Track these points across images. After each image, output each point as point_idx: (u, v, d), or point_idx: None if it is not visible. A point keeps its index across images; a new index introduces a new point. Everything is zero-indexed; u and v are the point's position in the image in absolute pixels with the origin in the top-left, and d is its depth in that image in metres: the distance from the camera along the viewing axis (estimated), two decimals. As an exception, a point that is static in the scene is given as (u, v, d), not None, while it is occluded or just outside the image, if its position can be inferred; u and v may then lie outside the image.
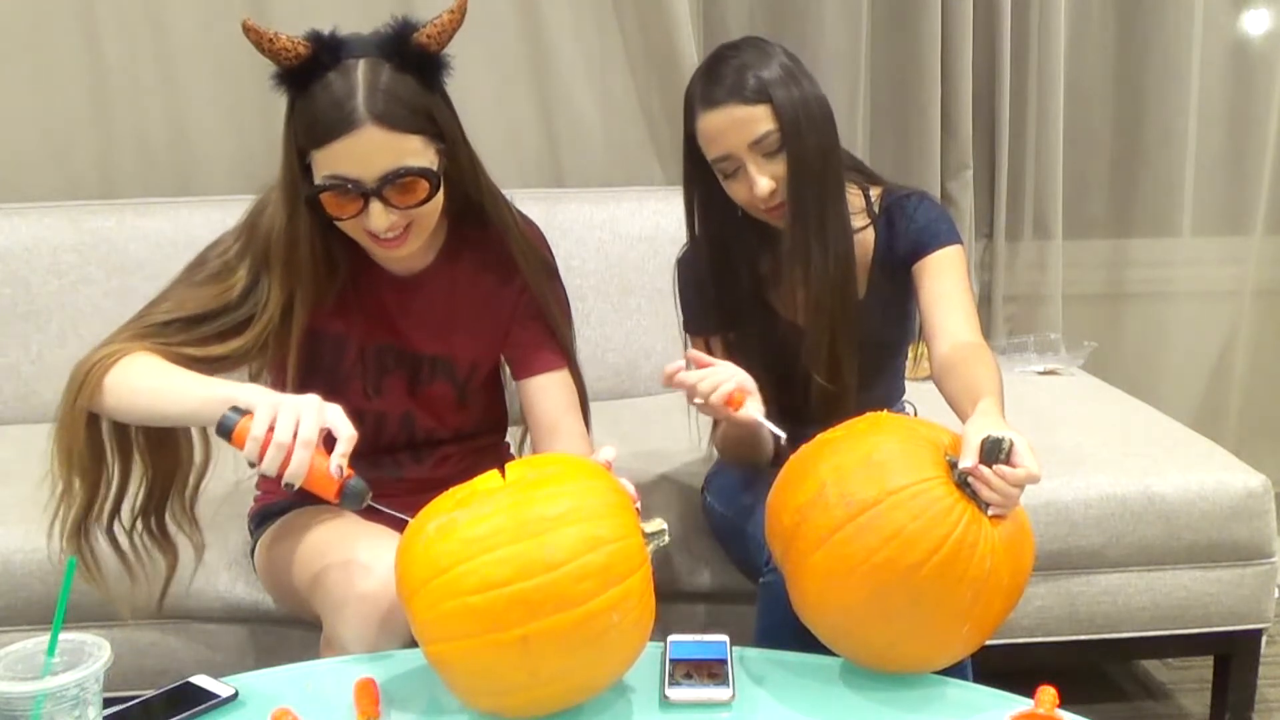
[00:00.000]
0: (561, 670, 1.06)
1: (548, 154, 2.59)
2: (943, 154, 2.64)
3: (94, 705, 1.00)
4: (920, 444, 1.19)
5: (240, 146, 2.48)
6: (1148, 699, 2.21)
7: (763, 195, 1.50)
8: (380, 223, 1.32)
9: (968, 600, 1.13)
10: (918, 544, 1.11)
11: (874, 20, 2.61)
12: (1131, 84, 2.76)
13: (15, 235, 2.33)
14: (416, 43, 1.31)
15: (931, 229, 1.60)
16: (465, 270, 1.52)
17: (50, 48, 2.41)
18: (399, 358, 1.52)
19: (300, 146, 1.32)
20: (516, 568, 1.03)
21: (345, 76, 1.28)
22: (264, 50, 1.28)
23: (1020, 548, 1.18)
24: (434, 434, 1.58)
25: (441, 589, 1.05)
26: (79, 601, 1.74)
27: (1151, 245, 2.85)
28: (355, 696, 1.14)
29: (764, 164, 1.50)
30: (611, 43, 2.54)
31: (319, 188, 1.31)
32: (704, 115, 1.50)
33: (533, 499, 1.08)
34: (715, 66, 1.52)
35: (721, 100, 1.48)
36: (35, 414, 2.32)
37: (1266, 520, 1.89)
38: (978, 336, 1.53)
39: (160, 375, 1.30)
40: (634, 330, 2.39)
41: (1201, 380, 2.94)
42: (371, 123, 1.27)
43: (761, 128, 1.48)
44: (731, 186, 1.54)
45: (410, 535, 1.10)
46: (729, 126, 1.48)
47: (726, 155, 1.50)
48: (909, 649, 1.18)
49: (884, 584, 1.12)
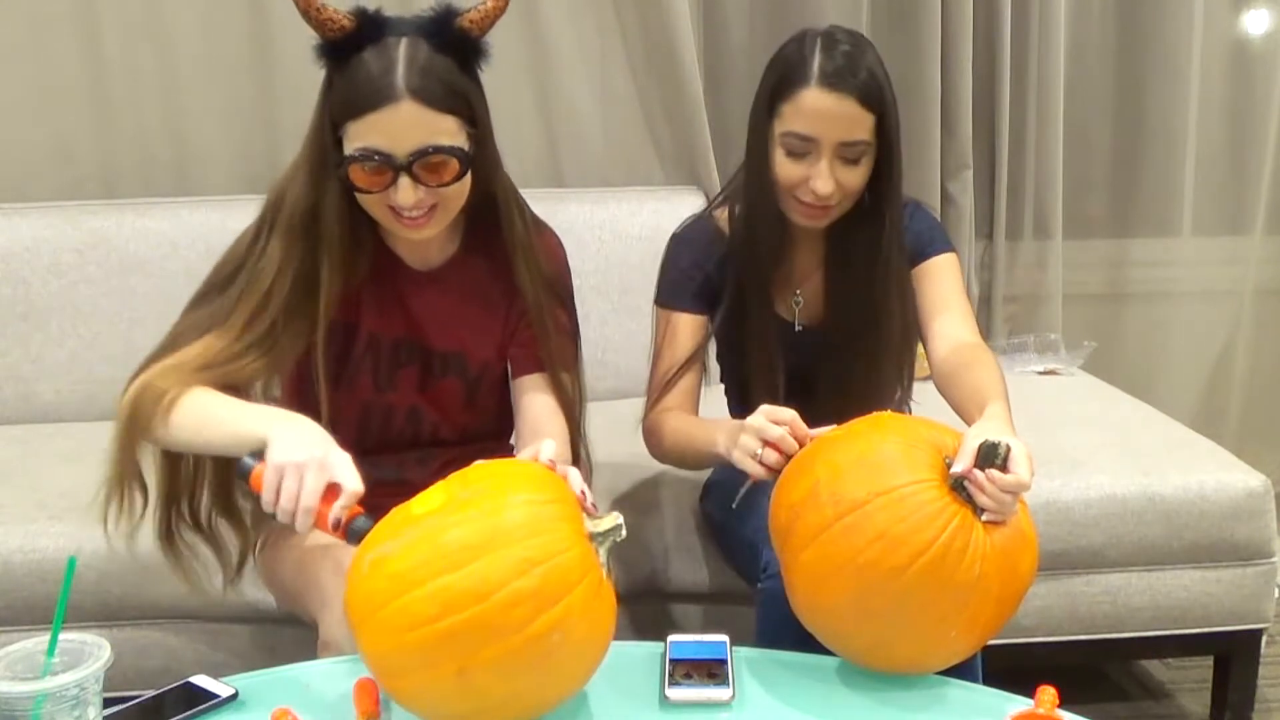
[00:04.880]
0: (511, 694, 1.03)
1: (548, 154, 2.59)
2: (943, 154, 2.64)
3: (94, 705, 1.00)
4: (919, 445, 1.18)
5: (240, 146, 2.47)
6: (1148, 699, 2.21)
7: (822, 192, 1.48)
8: (407, 198, 1.32)
9: (954, 605, 1.12)
10: (903, 546, 1.10)
11: (874, 20, 2.60)
12: (1131, 84, 2.76)
13: (15, 235, 2.33)
14: (459, 27, 1.33)
15: (926, 236, 1.61)
16: (482, 267, 1.52)
17: (50, 48, 2.41)
18: (412, 352, 1.52)
19: (335, 119, 1.33)
20: (443, 602, 0.99)
21: (386, 51, 1.30)
22: (310, 19, 1.29)
23: (1015, 556, 1.16)
24: (439, 432, 1.58)
25: (379, 626, 1.02)
26: (79, 601, 1.75)
27: (1151, 245, 2.85)
28: (355, 696, 1.14)
29: (839, 166, 1.48)
30: (611, 43, 2.54)
31: (349, 158, 1.31)
32: (816, 90, 1.45)
33: (458, 524, 1.03)
34: (837, 48, 1.47)
35: (843, 88, 1.45)
36: (35, 414, 2.32)
37: (1266, 520, 1.89)
38: (977, 337, 1.53)
39: (202, 415, 1.29)
40: (634, 330, 2.39)
41: (1201, 380, 2.94)
42: (409, 97, 1.29)
43: (860, 134, 1.47)
44: (788, 164, 1.50)
45: (353, 568, 1.07)
46: (835, 116, 1.45)
47: (812, 137, 1.47)
48: (897, 650, 1.18)
49: (869, 585, 1.12)
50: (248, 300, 1.37)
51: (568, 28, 2.51)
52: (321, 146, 1.36)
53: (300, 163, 1.39)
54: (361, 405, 1.51)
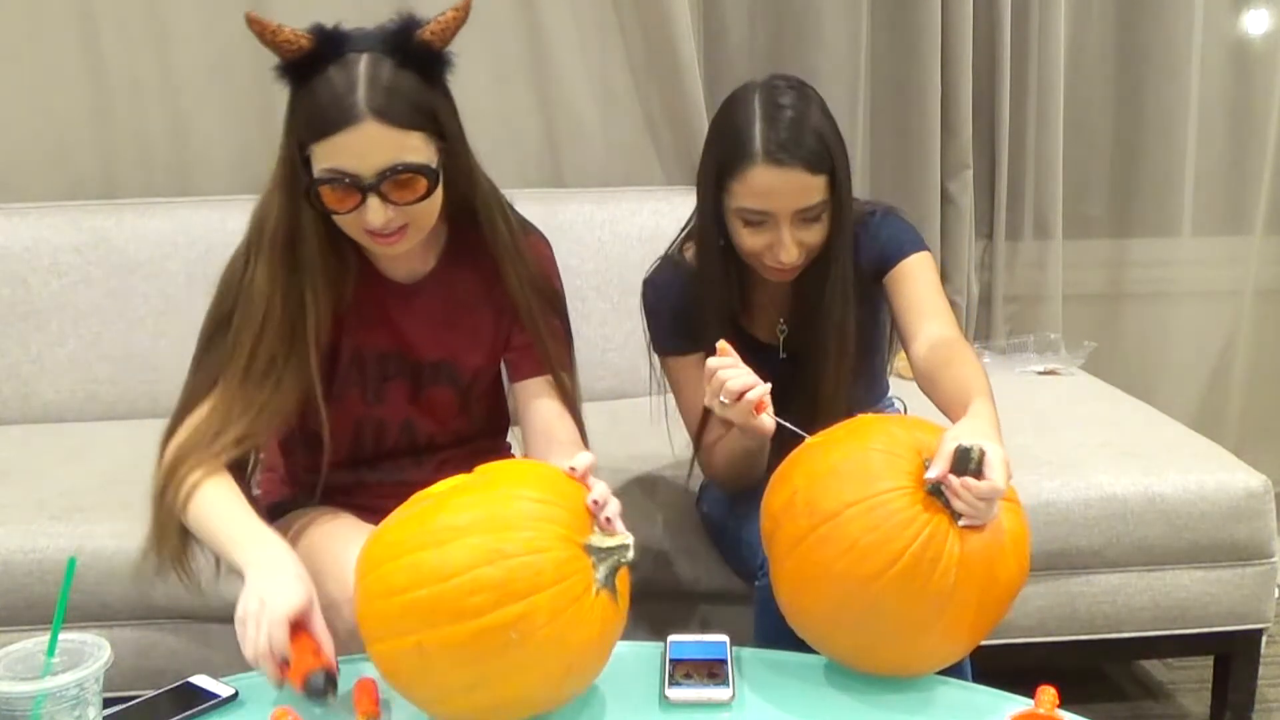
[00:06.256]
0: (466, 684, 1.03)
1: (548, 154, 2.58)
2: (943, 154, 2.64)
3: (94, 705, 1.00)
4: (897, 451, 1.17)
5: (240, 146, 2.48)
6: (1148, 699, 2.21)
7: (787, 261, 1.47)
8: (377, 219, 1.31)
9: (930, 613, 1.12)
10: (874, 556, 1.10)
11: (874, 20, 2.60)
12: (1131, 84, 2.76)
13: (15, 235, 2.33)
14: (420, 39, 1.31)
15: (895, 241, 1.59)
16: (467, 274, 1.51)
17: (50, 48, 2.41)
18: (401, 364, 1.51)
19: (301, 140, 1.32)
20: (413, 575, 1.02)
21: (347, 70, 1.28)
22: (266, 42, 1.28)
23: (994, 562, 1.14)
24: (435, 439, 1.57)
25: (366, 588, 1.07)
26: (79, 601, 1.75)
27: (1151, 245, 2.85)
28: (355, 696, 1.14)
29: (799, 229, 1.47)
30: (611, 43, 2.54)
31: (317, 180, 1.30)
32: (762, 169, 1.43)
33: (456, 507, 1.06)
34: (778, 115, 1.45)
35: (790, 162, 1.42)
36: (35, 414, 2.32)
37: (1266, 520, 1.88)
38: (955, 332, 1.52)
39: (205, 523, 1.31)
40: (634, 330, 2.38)
41: (1201, 380, 2.94)
42: (371, 118, 1.27)
43: (816, 198, 1.45)
44: (748, 235, 1.49)
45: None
46: (786, 189, 1.44)
47: (767, 212, 1.46)
48: (880, 656, 1.18)
49: (845, 594, 1.13)
50: (246, 333, 1.37)
51: (568, 28, 2.51)
52: (291, 168, 1.34)
53: (274, 185, 1.37)
54: (353, 421, 1.51)
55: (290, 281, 1.37)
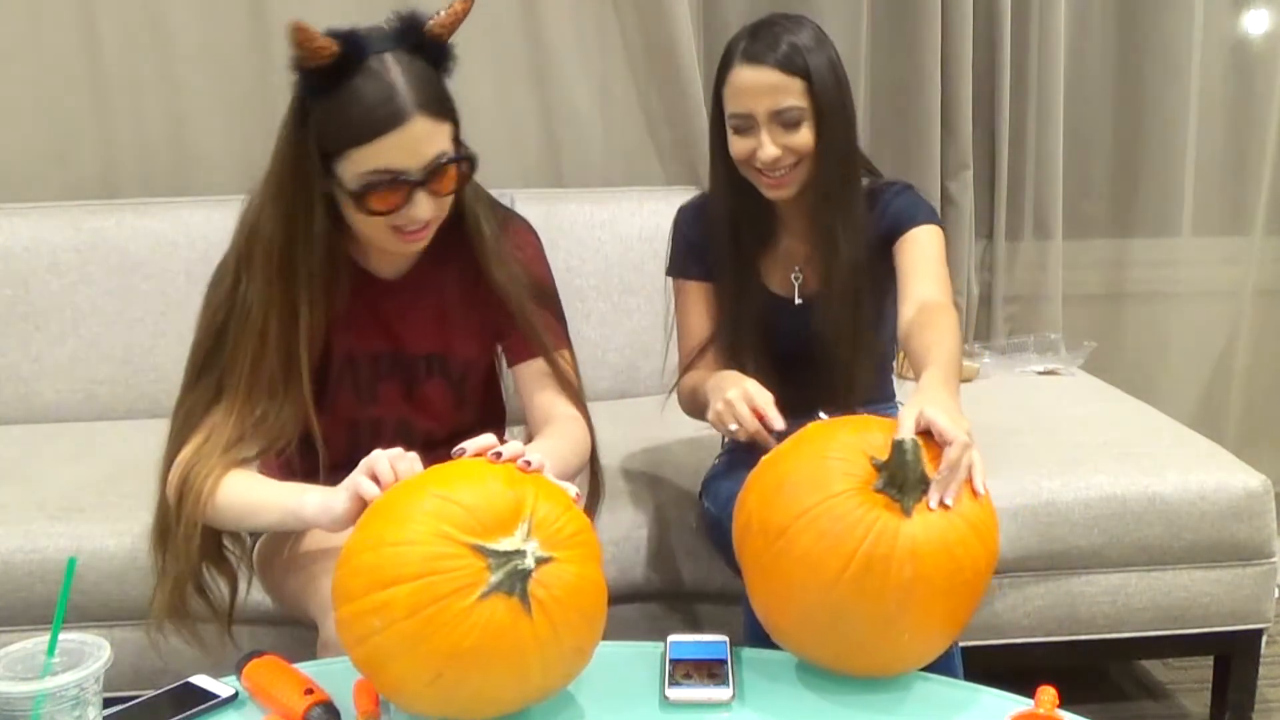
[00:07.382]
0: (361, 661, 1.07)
1: (548, 154, 2.59)
2: (943, 154, 2.64)
3: (94, 705, 1.00)
4: (840, 455, 1.16)
5: (240, 146, 2.47)
6: (1148, 699, 2.21)
7: (765, 160, 1.55)
8: (426, 212, 1.33)
9: (895, 608, 1.11)
10: (827, 563, 1.11)
11: (874, 20, 2.61)
12: (1131, 84, 2.76)
13: (15, 235, 2.33)
14: (430, 33, 1.33)
15: (909, 210, 1.64)
16: (455, 265, 1.51)
17: (50, 48, 2.41)
18: (393, 363, 1.51)
19: (331, 148, 1.30)
20: (340, 558, 1.09)
21: (378, 72, 1.28)
22: (304, 50, 1.25)
23: (955, 547, 1.12)
24: (432, 435, 1.57)
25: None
26: (79, 601, 1.74)
27: (1151, 245, 2.85)
28: (355, 696, 1.14)
29: (778, 133, 1.55)
30: (611, 43, 2.54)
31: (368, 185, 1.30)
32: (740, 68, 1.55)
33: (385, 498, 1.13)
34: (765, 28, 1.57)
35: (762, 60, 1.53)
36: (35, 414, 2.32)
37: (1266, 520, 1.89)
38: (944, 298, 1.55)
39: (245, 496, 1.34)
40: (634, 330, 2.39)
41: (1201, 380, 2.94)
42: (419, 113, 1.29)
43: (789, 100, 1.53)
44: (737, 142, 1.58)
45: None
46: (760, 88, 1.53)
47: (747, 113, 1.55)
48: (859, 659, 1.18)
49: (809, 604, 1.13)
50: (245, 349, 1.37)
51: (568, 28, 2.51)
52: (301, 177, 1.32)
53: (269, 198, 1.35)
54: (347, 423, 1.51)
55: (286, 295, 1.37)
